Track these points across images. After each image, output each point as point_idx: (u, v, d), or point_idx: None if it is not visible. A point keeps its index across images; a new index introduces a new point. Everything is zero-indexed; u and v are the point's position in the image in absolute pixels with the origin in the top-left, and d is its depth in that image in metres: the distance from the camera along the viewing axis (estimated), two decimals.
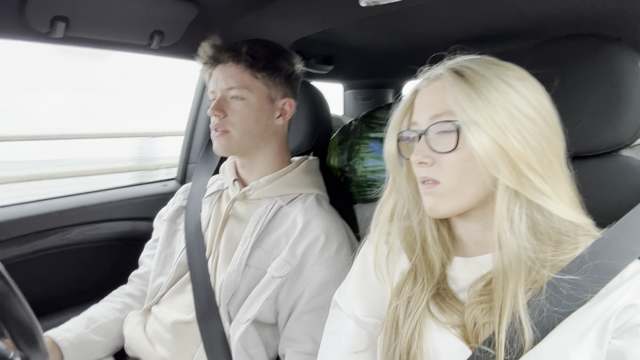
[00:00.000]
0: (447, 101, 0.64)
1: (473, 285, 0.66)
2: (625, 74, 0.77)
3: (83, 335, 1.03)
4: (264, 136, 1.06)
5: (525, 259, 0.60)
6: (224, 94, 1.02)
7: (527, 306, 0.59)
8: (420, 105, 0.69)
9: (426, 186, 0.67)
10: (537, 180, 0.61)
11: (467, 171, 0.64)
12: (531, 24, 1.09)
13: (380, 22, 1.14)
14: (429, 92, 0.68)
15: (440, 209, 0.66)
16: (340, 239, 1.00)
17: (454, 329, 0.64)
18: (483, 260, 0.68)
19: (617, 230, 0.62)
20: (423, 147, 0.66)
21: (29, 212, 1.25)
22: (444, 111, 0.64)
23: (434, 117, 0.65)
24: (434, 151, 0.65)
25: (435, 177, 0.65)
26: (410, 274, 0.70)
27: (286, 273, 0.95)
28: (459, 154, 0.63)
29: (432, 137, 0.65)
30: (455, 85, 0.63)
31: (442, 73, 0.66)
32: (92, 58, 2.76)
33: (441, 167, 0.65)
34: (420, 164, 0.66)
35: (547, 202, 0.61)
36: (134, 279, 1.20)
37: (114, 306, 1.12)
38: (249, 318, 0.94)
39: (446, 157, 0.64)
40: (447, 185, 0.65)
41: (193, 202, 1.13)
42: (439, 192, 0.66)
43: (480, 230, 0.69)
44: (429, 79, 0.69)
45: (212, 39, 1.04)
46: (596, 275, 0.59)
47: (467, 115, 0.62)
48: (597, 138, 0.79)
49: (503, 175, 0.61)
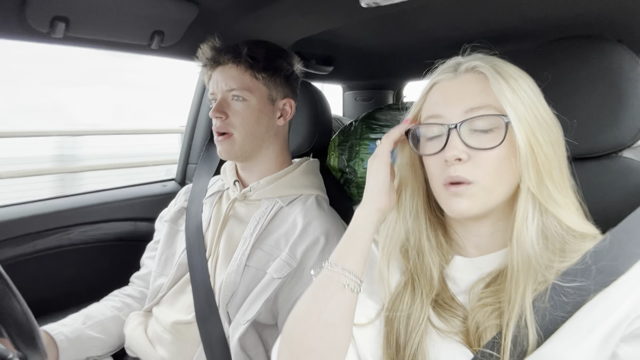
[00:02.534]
0: (485, 95, 0.61)
1: (473, 287, 0.66)
2: (625, 76, 0.77)
3: (80, 330, 1.02)
4: (266, 137, 1.06)
5: (535, 263, 0.60)
6: (224, 95, 1.02)
7: (532, 307, 0.58)
8: (447, 98, 0.64)
9: (457, 187, 0.62)
10: (552, 187, 0.61)
11: (503, 170, 0.62)
12: (532, 25, 1.09)
13: (380, 23, 1.14)
14: (459, 84, 0.64)
15: (472, 211, 0.62)
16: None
17: (456, 335, 0.64)
18: (483, 261, 0.67)
19: (620, 233, 0.62)
20: (458, 143, 0.61)
21: (29, 212, 1.25)
22: (483, 104, 0.61)
23: (470, 111, 0.62)
24: (469, 147, 0.61)
25: (469, 177, 0.61)
26: (407, 285, 0.69)
27: (286, 274, 0.95)
28: (499, 151, 0.61)
29: (466, 131, 0.61)
30: (499, 80, 0.61)
31: (476, 65, 0.63)
32: (127, 56, 2.79)
33: (478, 165, 0.61)
34: (456, 161, 0.61)
35: (559, 211, 0.61)
36: (135, 280, 1.20)
37: (113, 304, 1.12)
38: (248, 319, 0.94)
39: (484, 153, 0.61)
40: (482, 184, 0.61)
41: (194, 203, 1.13)
42: (471, 193, 0.61)
43: (485, 234, 0.68)
44: (457, 72, 0.65)
45: (212, 41, 1.04)
46: (599, 278, 0.59)
47: (513, 112, 0.60)
48: (598, 139, 0.78)
49: (530, 178, 0.60)
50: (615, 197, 0.77)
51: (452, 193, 0.62)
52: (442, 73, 0.66)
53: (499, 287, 0.63)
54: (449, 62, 0.67)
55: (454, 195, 0.62)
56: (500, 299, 0.62)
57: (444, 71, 0.66)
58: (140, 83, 7.15)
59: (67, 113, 10.10)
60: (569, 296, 0.58)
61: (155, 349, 1.01)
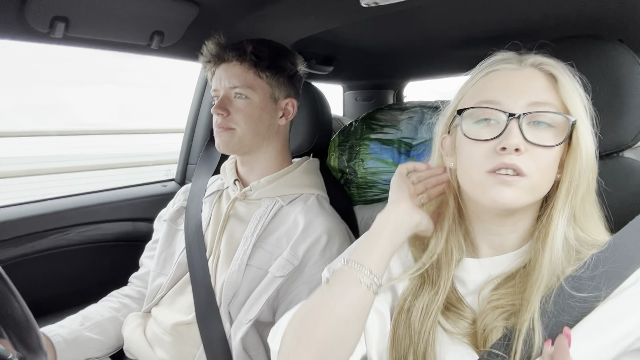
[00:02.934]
0: (551, 93, 0.62)
1: (482, 288, 0.66)
2: (626, 76, 0.77)
3: (77, 332, 1.02)
4: (267, 135, 1.06)
5: (555, 268, 0.61)
6: (227, 92, 1.02)
7: (540, 312, 0.59)
8: (509, 86, 0.63)
9: (507, 176, 0.59)
10: (587, 196, 0.62)
11: (552, 170, 0.62)
12: (532, 25, 1.09)
13: (380, 23, 1.14)
14: (525, 76, 0.63)
15: (515, 204, 0.60)
16: (341, 239, 1.00)
17: (465, 338, 0.64)
18: (492, 262, 0.67)
19: (624, 236, 0.62)
20: (517, 133, 0.59)
21: (28, 213, 1.25)
22: (548, 101, 0.61)
23: (534, 104, 0.61)
24: (527, 141, 0.59)
25: (524, 168, 0.59)
26: (421, 279, 0.69)
27: (288, 272, 0.95)
28: (556, 150, 0.61)
29: (525, 124, 0.60)
30: (569, 81, 0.62)
31: (543, 62, 0.63)
32: (132, 56, 2.75)
33: (534, 160, 0.60)
34: (515, 151, 0.59)
35: (585, 222, 0.63)
36: (133, 280, 1.20)
37: (111, 305, 1.11)
38: (250, 318, 0.94)
39: (541, 150, 0.60)
40: (534, 180, 0.60)
41: (193, 203, 1.13)
42: (521, 185, 0.59)
43: (504, 234, 0.67)
44: (523, 63, 0.64)
45: (217, 37, 1.04)
46: (603, 281, 0.59)
47: (578, 115, 0.61)
48: (599, 140, 0.78)
49: (576, 184, 0.61)
50: (616, 197, 0.76)
51: (501, 181, 0.59)
52: (503, 62, 0.65)
53: (510, 289, 0.63)
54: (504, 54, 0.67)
55: (502, 184, 0.59)
56: (512, 301, 0.62)
57: (506, 61, 0.65)
58: (144, 82, 7.30)
59: (72, 113, 10.19)
60: (573, 299, 0.58)
61: (155, 352, 1.01)
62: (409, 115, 1.23)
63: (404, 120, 1.23)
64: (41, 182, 4.69)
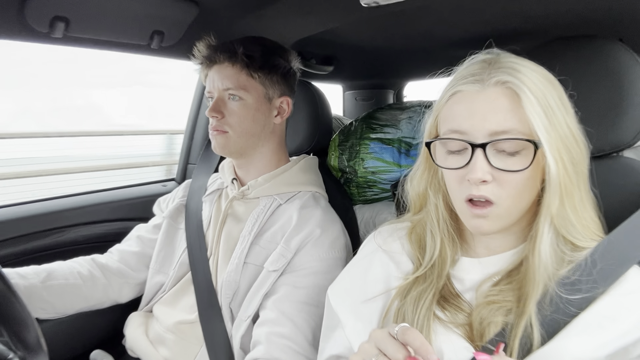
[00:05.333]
0: (514, 114, 0.59)
1: (481, 285, 0.66)
2: (626, 75, 0.77)
3: (35, 289, 0.96)
4: (262, 135, 1.06)
5: (547, 270, 0.61)
6: (221, 94, 1.02)
7: (537, 310, 0.59)
8: (473, 112, 0.60)
9: (478, 208, 0.61)
10: (570, 209, 0.61)
11: (526, 189, 0.61)
12: (532, 25, 1.09)
13: (380, 22, 1.14)
14: (487, 99, 0.60)
15: (494, 230, 0.63)
16: (335, 234, 1.00)
17: (458, 329, 0.64)
18: (490, 261, 0.68)
19: (620, 234, 0.62)
20: (483, 164, 0.59)
21: (28, 212, 1.25)
22: (512, 126, 0.59)
23: (497, 133, 0.59)
24: (496, 168, 0.59)
25: (492, 198, 0.60)
26: (417, 280, 0.69)
27: (282, 266, 0.95)
28: (525, 173, 0.60)
29: (491, 152, 0.60)
30: (533, 101, 0.58)
31: (507, 81, 0.59)
32: (158, 58, 2.85)
33: (502, 186, 0.60)
34: (481, 183, 0.60)
35: (570, 233, 0.62)
36: (114, 251, 1.15)
37: (80, 271, 1.05)
38: (249, 314, 0.94)
39: (509, 175, 0.59)
40: (504, 205, 0.61)
41: (193, 201, 1.13)
42: (494, 214, 0.61)
43: (497, 237, 0.68)
44: (484, 84, 0.61)
45: (207, 39, 1.03)
46: (600, 279, 0.59)
47: (545, 136, 0.58)
48: (599, 139, 0.78)
49: (553, 203, 0.60)
50: (615, 197, 0.76)
51: (475, 214, 0.62)
52: (467, 82, 0.62)
53: (507, 286, 0.63)
54: (470, 68, 0.64)
55: (476, 217, 0.62)
56: (509, 298, 0.62)
57: (469, 80, 0.62)
58: (172, 84, 7.41)
59: (104, 114, 10.27)
60: (569, 298, 0.59)
61: (158, 351, 1.01)
62: (409, 114, 1.24)
63: (404, 119, 1.23)
64: (79, 179, 4.91)
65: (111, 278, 1.09)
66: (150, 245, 1.14)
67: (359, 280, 0.76)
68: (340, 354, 0.74)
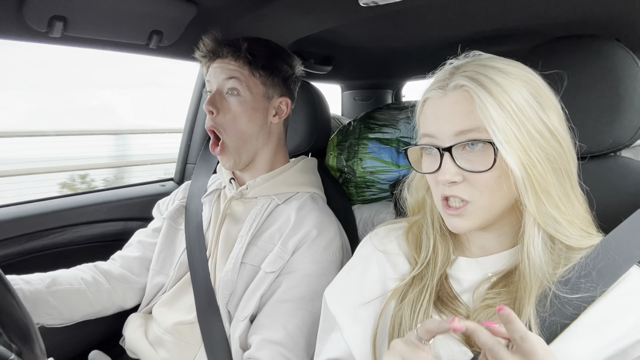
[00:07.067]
0: (474, 116, 0.60)
1: (478, 287, 0.66)
2: (624, 75, 0.77)
3: (40, 294, 0.96)
4: (260, 136, 1.06)
5: (541, 271, 0.61)
6: (220, 87, 1.02)
7: (536, 312, 0.59)
8: (438, 116, 0.63)
9: (452, 209, 0.63)
10: (551, 206, 0.61)
11: (499, 187, 0.61)
12: (530, 25, 1.09)
13: (379, 22, 1.14)
14: (448, 103, 0.62)
15: (472, 228, 0.64)
16: (331, 236, 1.00)
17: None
18: (487, 261, 0.68)
19: (619, 234, 0.62)
20: (451, 166, 0.61)
21: (27, 212, 1.25)
22: (472, 127, 0.60)
23: (460, 134, 0.61)
24: (463, 169, 0.61)
25: (466, 197, 0.62)
26: (413, 282, 0.69)
27: (279, 267, 0.95)
28: (492, 172, 0.61)
29: (459, 153, 0.61)
30: (485, 100, 0.59)
31: (464, 85, 0.61)
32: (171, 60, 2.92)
33: (473, 186, 0.62)
34: (451, 184, 0.62)
35: (558, 231, 0.61)
36: (116, 257, 1.16)
37: (84, 277, 1.06)
38: (246, 315, 0.94)
39: (478, 175, 0.61)
40: (479, 203, 0.62)
41: (193, 202, 1.13)
42: (469, 212, 0.62)
43: (490, 237, 0.68)
44: (445, 89, 0.63)
45: (214, 33, 1.04)
46: (598, 280, 0.59)
47: (501, 134, 0.58)
48: (596, 139, 0.78)
49: (529, 200, 0.60)
50: (613, 197, 0.77)
51: (451, 213, 0.64)
52: (432, 88, 0.65)
53: (504, 289, 0.63)
54: (439, 74, 0.66)
55: (452, 216, 0.64)
56: (506, 301, 0.62)
57: (434, 86, 0.65)
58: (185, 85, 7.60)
59: (117, 114, 10.37)
60: (568, 300, 0.59)
61: (157, 352, 1.01)
62: (408, 114, 1.24)
63: (403, 119, 1.24)
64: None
65: (114, 284, 1.10)
66: (151, 250, 1.14)
67: (356, 282, 0.76)
68: (337, 357, 0.74)
